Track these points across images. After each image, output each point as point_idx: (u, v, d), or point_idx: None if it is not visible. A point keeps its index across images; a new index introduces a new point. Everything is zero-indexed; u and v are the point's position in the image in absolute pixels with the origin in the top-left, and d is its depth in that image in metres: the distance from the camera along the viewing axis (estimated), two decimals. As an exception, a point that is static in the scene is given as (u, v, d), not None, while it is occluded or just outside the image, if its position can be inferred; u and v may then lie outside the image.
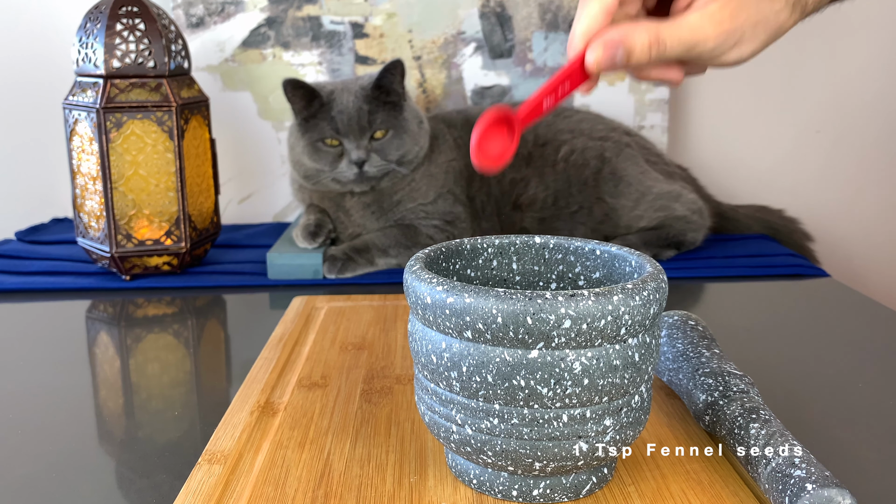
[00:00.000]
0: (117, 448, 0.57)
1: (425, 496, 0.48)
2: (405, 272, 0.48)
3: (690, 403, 0.55)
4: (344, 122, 0.97)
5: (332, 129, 0.97)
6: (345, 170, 0.98)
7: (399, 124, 1.00)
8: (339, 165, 0.98)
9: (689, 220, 1.05)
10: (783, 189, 1.32)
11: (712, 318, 0.82)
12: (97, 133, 0.93)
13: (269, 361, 0.68)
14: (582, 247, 0.55)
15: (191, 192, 0.99)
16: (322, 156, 0.98)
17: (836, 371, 0.69)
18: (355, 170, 0.97)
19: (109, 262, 0.98)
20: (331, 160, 0.98)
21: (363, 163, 0.97)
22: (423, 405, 0.49)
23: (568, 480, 0.47)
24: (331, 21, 1.22)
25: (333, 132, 0.97)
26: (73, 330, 0.83)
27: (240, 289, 0.95)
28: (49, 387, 0.68)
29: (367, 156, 0.97)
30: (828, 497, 0.41)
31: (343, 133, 0.97)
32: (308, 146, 0.99)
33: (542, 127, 1.09)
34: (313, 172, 1.00)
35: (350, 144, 0.97)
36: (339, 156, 0.98)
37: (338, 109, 0.97)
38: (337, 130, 0.97)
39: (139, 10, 0.95)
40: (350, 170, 0.97)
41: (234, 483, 0.49)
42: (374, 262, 0.99)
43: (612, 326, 0.42)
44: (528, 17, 1.23)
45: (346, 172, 0.98)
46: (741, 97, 1.30)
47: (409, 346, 0.62)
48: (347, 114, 0.97)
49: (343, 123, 0.97)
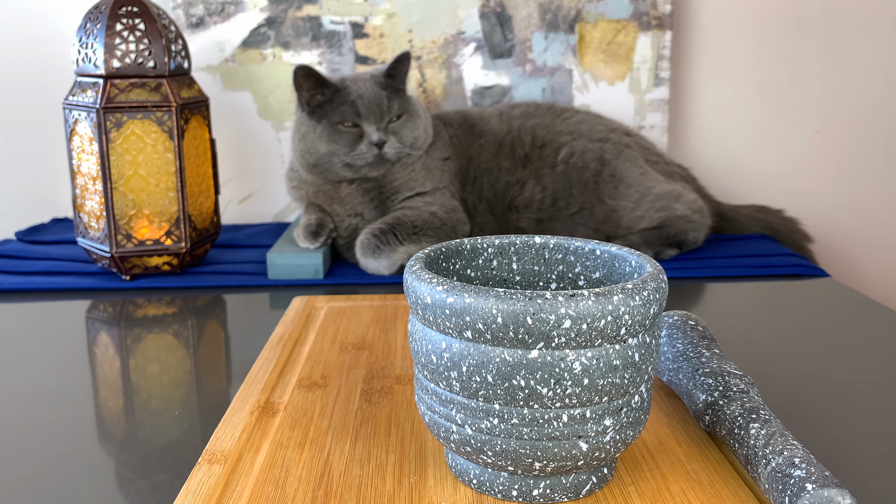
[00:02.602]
0: (117, 448, 0.57)
1: (425, 496, 0.48)
2: (405, 272, 0.48)
3: (690, 403, 0.55)
4: (364, 105, 1.00)
5: (352, 112, 1.00)
6: (364, 151, 0.99)
7: (411, 109, 1.04)
8: (357, 148, 1.00)
9: (690, 219, 1.05)
10: (783, 189, 1.32)
11: (712, 318, 0.82)
12: (97, 133, 0.93)
13: (269, 361, 0.68)
14: (582, 247, 0.55)
15: (191, 192, 0.99)
16: (341, 138, 1.00)
17: (836, 371, 0.69)
18: (375, 151, 0.99)
19: (109, 262, 0.98)
20: (349, 142, 1.00)
21: (383, 144, 0.99)
22: (423, 405, 0.49)
23: (568, 480, 0.47)
24: (331, 21, 1.22)
25: (354, 115, 1.00)
26: (73, 330, 0.83)
27: (240, 289, 0.95)
28: (49, 387, 0.68)
29: (386, 138, 0.99)
30: (828, 497, 0.41)
31: (364, 116, 1.00)
32: (327, 129, 1.00)
33: (540, 129, 1.10)
34: (326, 158, 1.00)
35: (370, 127, 1.00)
36: (358, 138, 1.00)
37: (357, 94, 1.00)
38: (357, 114, 1.00)
39: (139, 10, 0.95)
40: (370, 151, 0.99)
41: (234, 483, 0.49)
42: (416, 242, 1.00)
43: (612, 326, 0.42)
44: (528, 17, 1.23)
45: (365, 154, 0.99)
46: (741, 97, 1.30)
47: (409, 346, 0.62)
48: (367, 98, 1.00)
49: (363, 107, 1.00)
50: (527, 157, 1.08)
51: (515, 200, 1.06)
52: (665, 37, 1.23)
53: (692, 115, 1.31)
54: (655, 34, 1.23)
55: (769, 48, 1.29)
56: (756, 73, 1.29)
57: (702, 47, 1.28)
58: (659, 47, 1.23)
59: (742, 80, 1.30)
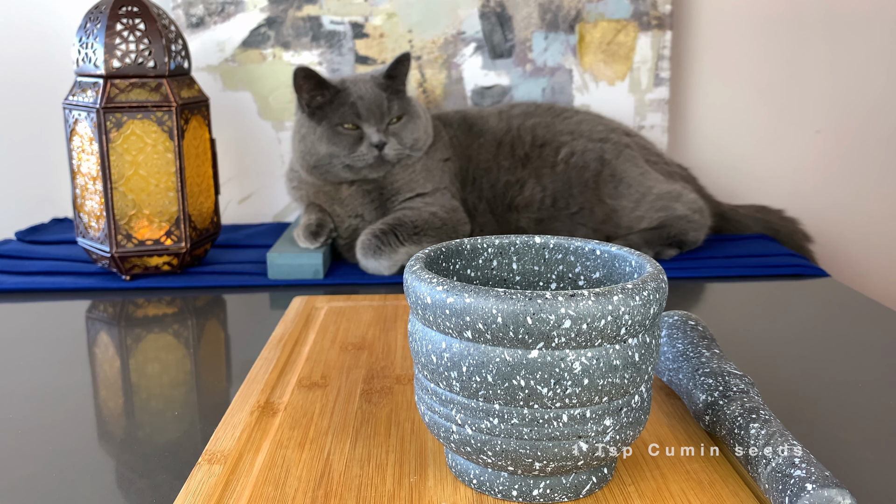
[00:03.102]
0: (117, 448, 0.57)
1: (425, 496, 0.48)
2: (405, 272, 0.48)
3: (690, 403, 0.55)
4: (364, 107, 1.00)
5: (352, 113, 1.00)
6: (364, 153, 0.99)
7: (411, 110, 1.04)
8: (357, 149, 0.99)
9: (690, 219, 1.05)
10: (783, 189, 1.32)
11: (712, 318, 0.82)
12: (97, 133, 0.93)
13: (269, 361, 0.68)
14: (582, 247, 0.55)
15: (191, 192, 0.99)
16: (341, 139, 1.00)
17: (836, 371, 0.69)
18: (375, 153, 0.99)
19: (109, 262, 0.98)
20: (349, 144, 1.00)
21: (383, 146, 0.99)
22: (423, 405, 0.49)
23: (568, 480, 0.47)
24: (331, 21, 1.22)
25: (354, 117, 1.00)
26: (73, 330, 0.83)
27: (240, 289, 0.95)
28: (49, 387, 0.68)
29: (386, 139, 0.99)
30: (828, 497, 0.41)
31: (364, 118, 1.00)
32: (328, 130, 1.00)
33: (540, 128, 1.10)
34: (326, 160, 1.00)
35: (370, 129, 1.00)
36: (358, 140, 1.00)
37: (357, 95, 1.00)
38: (357, 115, 1.00)
39: (139, 10, 0.95)
40: (370, 153, 0.99)
41: (234, 483, 0.49)
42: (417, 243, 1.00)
43: (612, 326, 0.42)
44: (528, 17, 1.23)
45: (365, 156, 0.99)
46: (741, 97, 1.30)
47: (409, 346, 0.62)
48: (367, 99, 1.00)
49: (364, 108, 1.00)
50: (527, 157, 1.08)
51: (515, 200, 1.06)
52: (665, 37, 1.23)
53: (692, 115, 1.31)
54: (655, 34, 1.23)
55: (769, 48, 1.28)
56: (756, 73, 1.29)
57: (702, 47, 1.28)
58: (659, 47, 1.23)
59: (742, 80, 1.30)
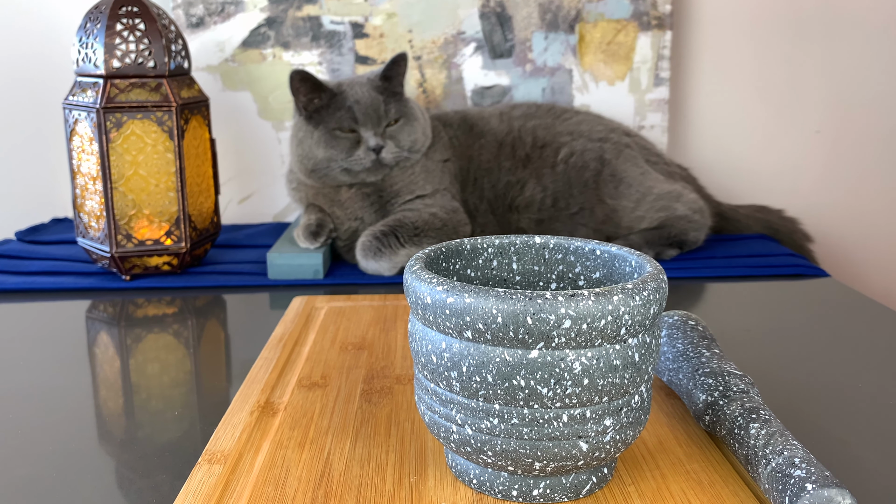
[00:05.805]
0: (117, 448, 0.57)
1: (425, 496, 0.48)
2: (405, 272, 0.48)
3: (690, 403, 0.55)
4: (361, 111, 0.99)
5: (349, 117, 0.99)
6: (362, 157, 0.99)
7: (408, 112, 1.03)
8: (355, 153, 0.99)
9: (690, 219, 1.05)
10: (783, 189, 1.32)
11: (712, 318, 0.82)
12: (97, 133, 0.93)
13: (269, 361, 0.68)
14: (582, 247, 0.55)
15: (191, 192, 0.99)
16: (338, 143, 0.99)
17: (836, 371, 0.69)
18: (372, 156, 0.99)
19: (109, 262, 0.98)
20: (347, 148, 1.00)
21: (380, 149, 0.99)
22: (423, 405, 0.49)
23: (568, 480, 0.47)
24: (331, 21, 1.22)
25: (351, 121, 0.99)
26: (73, 330, 0.83)
27: (240, 289, 0.95)
28: (49, 387, 0.68)
29: (383, 143, 0.99)
30: (828, 497, 0.41)
31: (361, 122, 0.99)
32: (325, 134, 1.00)
33: (540, 129, 1.10)
34: (324, 164, 1.00)
35: (367, 132, 0.99)
36: (355, 144, 1.00)
37: (353, 99, 1.00)
38: (354, 119, 0.99)
39: (139, 10, 0.95)
40: (367, 157, 0.99)
41: (234, 483, 0.49)
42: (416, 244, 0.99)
43: (612, 326, 0.42)
44: (528, 17, 1.23)
45: (362, 160, 0.99)
46: (741, 97, 1.30)
47: (409, 346, 0.62)
48: (364, 103, 1.00)
49: (360, 112, 0.99)
50: (527, 158, 1.08)
51: (516, 201, 1.06)
52: (665, 37, 1.23)
53: (692, 115, 1.31)
54: (655, 34, 1.23)
55: (769, 48, 1.28)
56: (756, 72, 1.29)
57: (702, 47, 1.28)
58: (659, 47, 1.23)
59: (742, 79, 1.30)
